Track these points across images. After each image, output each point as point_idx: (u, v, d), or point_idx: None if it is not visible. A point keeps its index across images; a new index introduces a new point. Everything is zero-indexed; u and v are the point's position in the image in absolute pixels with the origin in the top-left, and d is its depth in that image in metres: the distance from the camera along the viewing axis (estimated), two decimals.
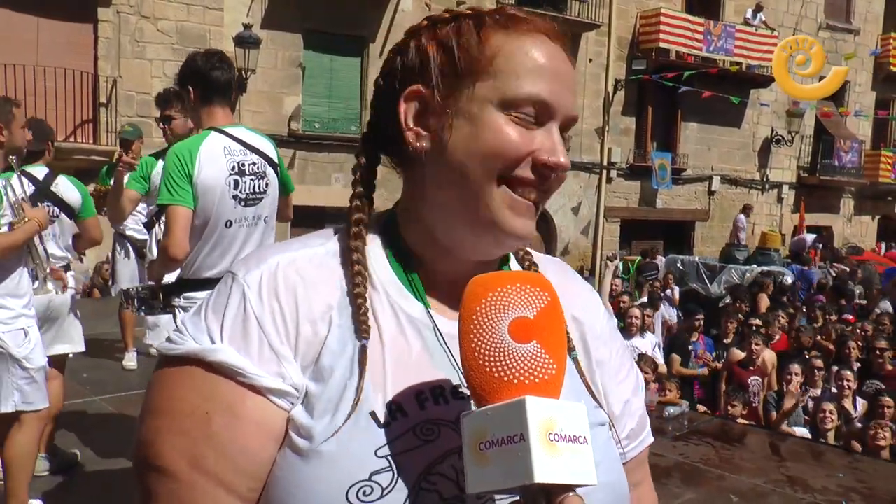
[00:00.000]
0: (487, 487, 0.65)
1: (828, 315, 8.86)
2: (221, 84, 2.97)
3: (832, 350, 7.36)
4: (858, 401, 6.10)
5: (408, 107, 0.84)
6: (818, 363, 6.39)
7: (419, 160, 0.84)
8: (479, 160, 0.79)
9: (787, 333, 7.82)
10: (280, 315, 0.79)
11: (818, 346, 7.49)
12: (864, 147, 21.62)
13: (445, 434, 0.76)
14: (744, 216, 16.26)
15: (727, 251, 13.04)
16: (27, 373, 3.19)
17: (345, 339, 0.79)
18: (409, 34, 0.87)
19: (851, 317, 9.45)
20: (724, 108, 17.91)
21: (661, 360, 7.21)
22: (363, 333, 0.79)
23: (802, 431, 5.75)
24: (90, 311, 4.08)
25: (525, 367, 0.67)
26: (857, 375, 6.47)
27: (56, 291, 3.57)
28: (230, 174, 2.91)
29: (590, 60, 16.68)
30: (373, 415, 0.75)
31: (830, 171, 20.64)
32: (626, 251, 16.75)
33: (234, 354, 0.77)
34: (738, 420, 6.00)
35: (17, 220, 3.16)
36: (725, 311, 8.78)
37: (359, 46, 14.05)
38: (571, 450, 0.64)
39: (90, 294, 10.50)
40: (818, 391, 6.24)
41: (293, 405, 0.77)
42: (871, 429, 5.24)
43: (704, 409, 6.60)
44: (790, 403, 5.83)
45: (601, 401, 0.90)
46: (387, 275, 0.86)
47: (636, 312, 7.22)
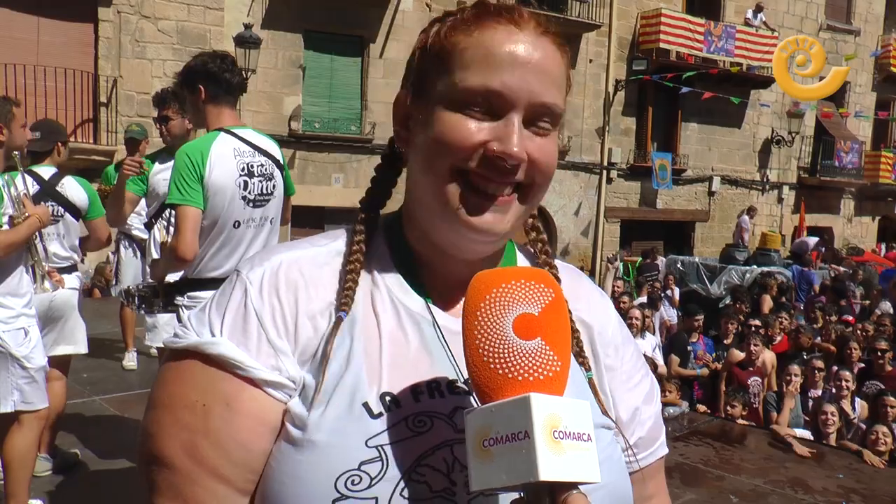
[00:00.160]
0: (491, 484, 0.65)
1: (827, 316, 8.86)
2: (233, 86, 3.02)
3: (832, 351, 7.36)
4: (858, 402, 6.10)
5: (397, 109, 0.88)
6: (819, 364, 6.38)
7: (408, 161, 0.87)
8: (432, 156, 0.80)
9: (788, 335, 7.82)
10: (280, 311, 0.81)
11: (818, 347, 7.49)
12: (865, 148, 21.63)
13: (438, 426, 0.76)
14: (748, 217, 16.25)
15: (727, 252, 13.03)
16: (27, 372, 3.18)
17: (343, 335, 0.80)
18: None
19: (851, 318, 9.46)
20: (725, 109, 17.94)
21: (661, 361, 7.21)
22: (342, 307, 0.81)
23: (803, 433, 5.74)
24: (90, 311, 4.07)
25: (529, 364, 0.67)
26: (858, 377, 6.46)
27: (52, 291, 3.55)
28: (240, 175, 2.93)
29: (590, 61, 16.68)
30: (366, 406, 0.76)
31: (831, 172, 20.64)
32: (627, 252, 16.73)
33: (233, 348, 0.78)
34: (738, 420, 6.00)
35: (18, 216, 3.14)
36: (725, 312, 8.77)
37: (359, 46, 14.05)
38: (576, 447, 0.63)
39: (90, 294, 10.51)
40: (819, 392, 6.23)
41: (290, 397, 0.78)
42: (873, 433, 5.23)
43: (705, 410, 6.60)
44: (790, 404, 5.82)
45: (606, 405, 0.89)
46: (389, 271, 0.87)
47: (636, 313, 7.22)
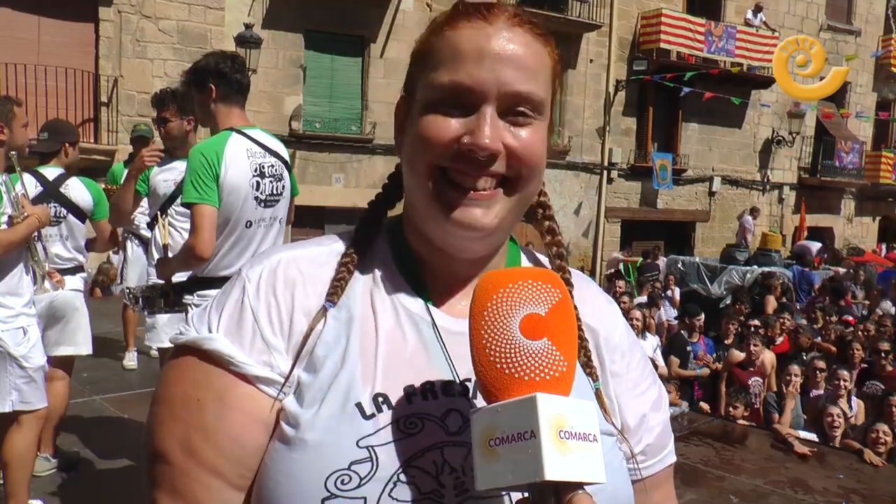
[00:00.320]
0: (497, 484, 0.64)
1: (827, 316, 8.86)
2: (243, 86, 3.06)
3: (832, 351, 7.36)
4: (854, 401, 6.09)
5: (397, 117, 0.89)
6: (821, 364, 6.37)
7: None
8: (414, 156, 0.82)
9: (788, 335, 7.82)
10: (276, 308, 0.82)
11: (818, 347, 7.48)
12: (865, 148, 21.65)
13: (429, 428, 0.76)
14: (751, 217, 16.23)
15: (728, 252, 13.02)
16: (25, 372, 3.18)
17: (339, 333, 0.81)
18: None
19: (851, 318, 9.46)
20: (725, 109, 17.94)
21: (662, 362, 7.21)
22: (330, 297, 0.82)
23: (806, 435, 5.73)
24: (91, 310, 4.07)
25: (536, 364, 0.66)
26: (858, 377, 6.45)
27: (52, 291, 3.55)
28: (253, 175, 2.96)
29: (591, 61, 16.69)
30: (359, 406, 0.76)
31: (831, 172, 20.65)
32: (627, 252, 16.72)
33: (227, 343, 0.79)
34: (739, 421, 5.99)
35: (17, 215, 3.14)
36: (726, 312, 8.77)
37: (359, 46, 14.05)
38: (581, 447, 0.63)
39: (91, 293, 10.51)
40: (820, 392, 6.23)
41: (285, 395, 0.79)
42: (873, 431, 5.23)
43: (708, 409, 6.60)
44: (790, 405, 5.82)
45: (611, 411, 0.89)
46: (390, 271, 0.88)
47: (637, 314, 7.22)
